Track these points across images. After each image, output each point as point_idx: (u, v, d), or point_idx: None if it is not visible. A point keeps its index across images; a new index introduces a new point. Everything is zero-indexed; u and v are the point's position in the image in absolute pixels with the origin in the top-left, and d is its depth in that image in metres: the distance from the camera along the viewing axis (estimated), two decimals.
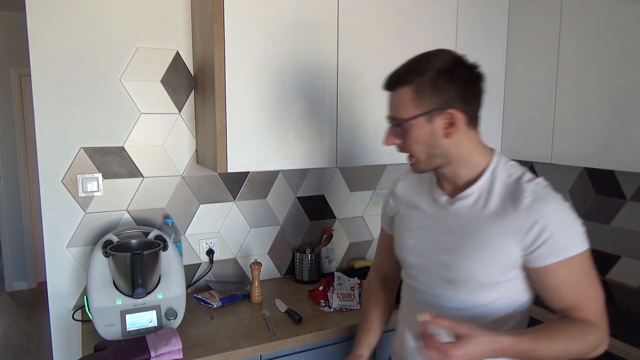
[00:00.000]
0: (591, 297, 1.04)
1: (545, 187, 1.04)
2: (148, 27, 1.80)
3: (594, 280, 1.06)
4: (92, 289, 1.55)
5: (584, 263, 1.05)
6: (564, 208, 1.02)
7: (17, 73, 4.54)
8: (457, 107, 1.03)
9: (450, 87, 1.02)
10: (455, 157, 1.07)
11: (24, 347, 3.71)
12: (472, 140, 1.08)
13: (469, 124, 1.06)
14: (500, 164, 1.09)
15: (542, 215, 0.99)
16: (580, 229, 1.03)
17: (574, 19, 1.88)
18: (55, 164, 1.72)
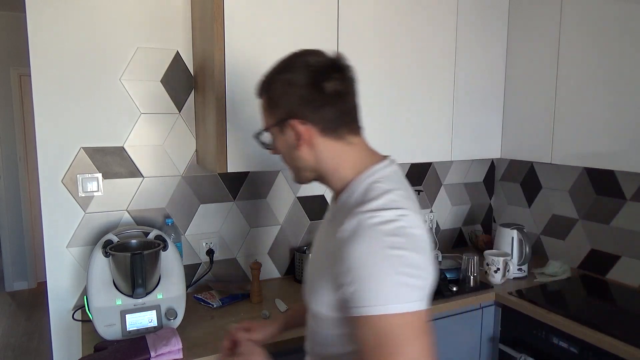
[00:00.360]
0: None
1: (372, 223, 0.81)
2: (148, 27, 1.80)
3: (397, 354, 0.77)
4: (92, 289, 1.55)
5: (387, 329, 0.78)
6: (375, 255, 0.79)
7: (17, 73, 4.54)
8: (302, 117, 0.92)
9: (287, 96, 0.92)
10: (320, 171, 0.96)
11: (24, 347, 3.71)
12: (335, 152, 0.94)
13: (326, 133, 0.93)
14: (367, 182, 0.90)
15: (349, 258, 0.81)
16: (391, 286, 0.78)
17: (574, 18, 1.88)
18: (55, 164, 1.72)
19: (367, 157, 0.96)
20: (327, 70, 0.93)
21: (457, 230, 2.63)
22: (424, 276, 0.82)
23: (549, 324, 1.75)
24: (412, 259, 0.80)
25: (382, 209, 0.83)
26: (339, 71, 0.94)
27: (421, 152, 2.04)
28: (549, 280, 2.07)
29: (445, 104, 2.06)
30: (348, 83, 0.95)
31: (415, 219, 0.85)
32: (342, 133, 0.94)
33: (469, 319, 1.94)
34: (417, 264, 0.81)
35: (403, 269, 0.79)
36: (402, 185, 0.93)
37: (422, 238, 0.84)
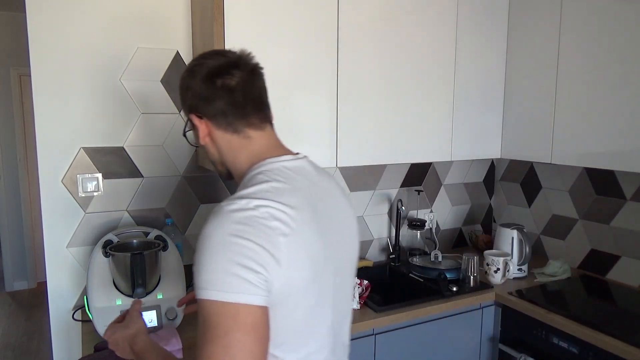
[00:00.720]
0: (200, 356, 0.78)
1: (228, 209, 0.82)
2: (148, 27, 1.80)
3: (213, 342, 0.77)
4: (92, 289, 1.55)
5: (208, 315, 0.78)
6: (214, 238, 0.80)
7: (17, 73, 4.54)
8: (198, 111, 0.96)
9: (184, 95, 0.98)
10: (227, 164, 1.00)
11: (24, 347, 3.71)
12: (232, 145, 0.96)
13: (221, 127, 0.96)
14: (252, 174, 0.93)
15: (199, 237, 0.83)
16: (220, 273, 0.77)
17: (574, 18, 1.88)
18: (55, 164, 1.72)
19: (266, 151, 0.97)
20: (222, 67, 0.94)
21: (457, 230, 2.63)
22: (262, 272, 0.78)
23: (549, 324, 1.75)
24: (254, 250, 0.78)
25: (242, 198, 0.84)
26: (235, 68, 0.95)
27: (421, 152, 2.04)
28: (549, 280, 2.07)
29: (445, 104, 2.06)
30: (243, 79, 0.95)
31: (278, 213, 0.83)
32: (239, 127, 0.96)
33: (469, 319, 1.94)
34: (257, 257, 0.78)
35: (238, 259, 0.77)
36: (290, 179, 0.92)
37: (277, 232, 0.81)
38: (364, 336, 1.71)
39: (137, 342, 1.02)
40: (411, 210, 2.44)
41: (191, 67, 0.98)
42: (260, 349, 0.78)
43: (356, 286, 1.83)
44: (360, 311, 1.76)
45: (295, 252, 0.83)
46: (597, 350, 1.59)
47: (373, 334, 1.73)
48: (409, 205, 2.44)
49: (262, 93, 0.99)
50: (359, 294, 1.81)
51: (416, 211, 2.46)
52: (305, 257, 0.85)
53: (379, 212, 2.37)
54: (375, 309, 1.75)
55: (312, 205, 0.90)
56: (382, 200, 2.37)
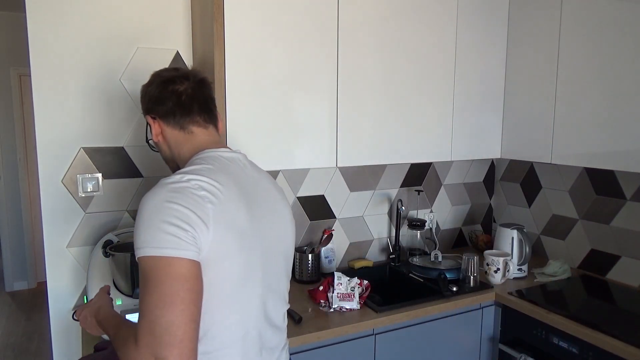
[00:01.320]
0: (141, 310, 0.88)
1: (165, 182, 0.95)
2: (148, 27, 1.80)
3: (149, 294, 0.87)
4: (92, 289, 1.55)
5: (145, 270, 0.88)
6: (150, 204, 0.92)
7: (17, 73, 4.54)
8: (152, 112, 1.15)
9: (143, 99, 1.18)
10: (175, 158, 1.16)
11: (24, 347, 3.71)
12: (178, 140, 1.14)
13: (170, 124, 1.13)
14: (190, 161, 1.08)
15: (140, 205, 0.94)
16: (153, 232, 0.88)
17: (574, 18, 1.88)
18: (55, 164, 1.72)
19: (206, 144, 1.12)
20: (174, 77, 1.15)
21: (457, 230, 2.63)
22: (191, 231, 0.89)
23: (549, 324, 1.75)
24: (183, 213, 0.90)
25: (178, 174, 0.98)
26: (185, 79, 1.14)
27: (421, 152, 2.04)
28: (549, 280, 2.07)
29: (445, 104, 2.06)
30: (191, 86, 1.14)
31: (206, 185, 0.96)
32: (184, 124, 1.13)
33: (469, 319, 1.94)
34: (186, 219, 0.90)
35: (170, 219, 0.89)
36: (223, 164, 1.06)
37: (205, 200, 0.94)
38: (364, 336, 1.71)
39: (100, 312, 1.14)
40: (411, 210, 2.44)
41: (150, 78, 1.18)
42: (192, 297, 0.88)
43: (356, 286, 1.83)
44: (360, 311, 1.76)
45: (221, 219, 0.95)
46: (597, 350, 1.59)
47: (373, 334, 1.73)
48: (409, 205, 2.44)
49: (208, 99, 1.17)
50: (359, 294, 1.81)
51: (416, 211, 2.46)
52: (230, 226, 0.97)
53: (379, 212, 2.37)
54: (375, 309, 1.75)
55: (240, 186, 1.04)
56: (382, 200, 2.37)
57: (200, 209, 0.92)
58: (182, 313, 0.85)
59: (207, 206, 0.93)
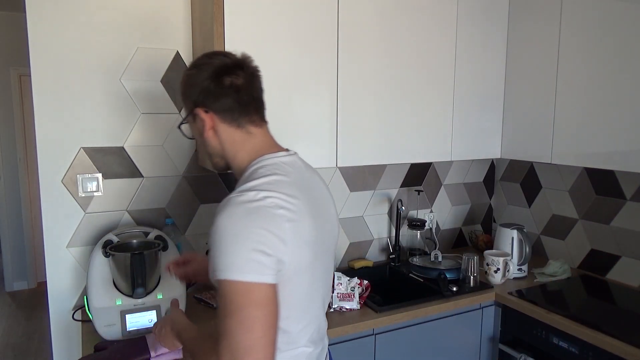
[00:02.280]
0: (223, 331, 0.90)
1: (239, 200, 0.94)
2: (148, 27, 1.80)
3: (231, 317, 0.89)
4: (92, 289, 1.55)
5: (227, 293, 0.90)
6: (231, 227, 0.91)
7: (17, 73, 4.54)
8: (204, 106, 1.05)
9: (192, 89, 1.06)
10: (226, 157, 1.10)
11: (24, 347, 3.71)
12: (235, 139, 1.07)
13: (226, 121, 1.06)
14: (253, 168, 1.04)
15: (213, 226, 0.94)
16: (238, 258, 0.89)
17: (574, 18, 1.88)
18: (55, 164, 1.72)
19: (264, 147, 1.08)
20: (227, 67, 1.04)
21: (457, 230, 2.63)
22: (272, 254, 0.91)
23: (549, 324, 1.75)
24: (263, 236, 0.90)
25: (250, 190, 0.96)
26: (239, 69, 1.05)
27: (421, 152, 2.04)
28: (549, 280, 2.07)
29: (445, 104, 2.06)
30: (247, 79, 1.06)
31: (282, 202, 0.95)
32: (243, 122, 1.06)
33: (469, 319, 1.94)
34: (267, 243, 0.90)
35: (253, 245, 0.89)
36: (288, 173, 1.03)
37: (283, 219, 0.93)
38: (364, 336, 1.71)
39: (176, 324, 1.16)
40: (411, 210, 2.44)
41: (196, 64, 1.07)
42: (270, 321, 0.90)
43: (356, 286, 1.83)
44: (360, 311, 1.76)
45: (298, 236, 0.96)
46: (597, 350, 1.59)
47: (373, 334, 1.73)
48: (409, 205, 2.44)
49: (261, 94, 1.10)
50: (359, 294, 1.81)
51: (416, 211, 2.46)
52: (306, 240, 0.98)
53: (379, 212, 2.37)
54: (375, 309, 1.76)
55: (305, 195, 1.02)
56: (382, 200, 2.37)
57: (279, 229, 0.92)
58: (261, 338, 0.88)
59: (285, 225, 0.93)
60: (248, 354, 0.87)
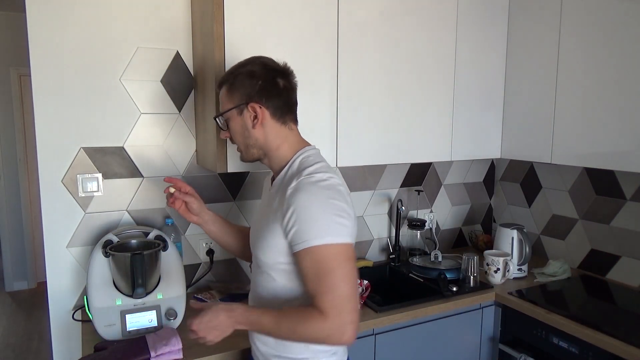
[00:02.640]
0: (327, 288, 1.07)
1: (312, 182, 1.12)
2: (148, 27, 1.80)
3: (335, 273, 1.08)
4: (92, 289, 1.55)
5: (327, 255, 1.08)
6: (317, 202, 1.10)
7: (17, 73, 4.54)
8: (259, 101, 1.20)
9: (253, 84, 1.20)
10: (266, 148, 1.24)
11: (24, 347, 3.71)
12: (281, 134, 1.23)
13: (275, 117, 1.22)
14: (299, 158, 1.22)
15: (292, 204, 1.10)
16: (331, 224, 1.09)
17: (574, 18, 1.88)
18: (55, 164, 1.72)
19: (301, 142, 1.28)
20: (281, 71, 1.23)
21: (457, 230, 2.63)
22: (350, 219, 1.13)
23: (549, 324, 1.75)
24: (341, 206, 1.12)
25: (315, 173, 1.16)
26: (289, 74, 1.25)
27: (421, 152, 2.03)
28: (549, 280, 2.07)
29: (445, 104, 2.06)
30: (292, 85, 1.25)
31: (339, 181, 1.18)
32: (287, 120, 1.24)
33: (469, 319, 1.94)
34: (344, 210, 1.12)
35: (338, 213, 1.10)
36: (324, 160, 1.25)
37: (345, 193, 1.17)
38: (364, 336, 1.71)
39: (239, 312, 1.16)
40: (411, 210, 2.44)
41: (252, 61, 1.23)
42: (356, 274, 1.12)
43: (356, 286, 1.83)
44: (360, 311, 1.76)
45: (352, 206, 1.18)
46: (597, 350, 1.59)
47: (373, 334, 1.73)
48: (409, 205, 2.44)
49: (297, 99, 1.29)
50: (359, 294, 1.81)
51: (416, 211, 2.46)
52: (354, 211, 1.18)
53: (379, 212, 2.37)
54: (375, 309, 1.75)
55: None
56: (382, 200, 2.37)
57: (346, 201, 1.15)
58: (354, 288, 1.10)
59: (348, 199, 1.16)
60: (349, 301, 1.07)
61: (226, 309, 1.16)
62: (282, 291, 1.21)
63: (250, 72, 1.20)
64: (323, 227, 1.08)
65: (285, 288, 1.21)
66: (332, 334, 1.07)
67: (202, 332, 1.17)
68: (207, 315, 1.17)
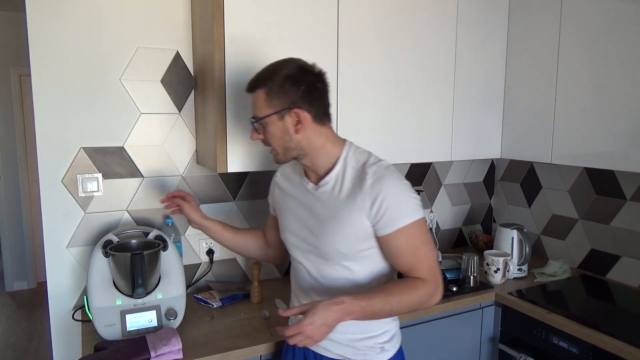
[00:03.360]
0: (423, 258, 1.22)
1: (385, 168, 1.23)
2: (148, 27, 1.80)
3: (425, 244, 1.23)
4: (92, 289, 1.55)
5: (417, 230, 1.21)
6: (399, 185, 1.21)
7: (17, 73, 4.54)
8: (302, 107, 1.20)
9: (295, 90, 1.19)
10: (309, 149, 1.25)
11: (24, 347, 3.71)
12: (322, 134, 1.26)
13: (316, 120, 1.24)
14: (350, 153, 1.28)
15: (380, 192, 1.18)
16: (413, 202, 1.21)
17: (574, 18, 1.88)
18: (55, 164, 1.72)
19: (339, 137, 1.33)
20: (316, 74, 1.24)
21: (457, 230, 2.63)
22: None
23: (549, 324, 1.75)
24: (409, 184, 1.24)
25: (378, 160, 1.26)
26: (323, 75, 1.26)
27: (421, 152, 2.03)
28: (549, 280, 2.07)
29: (445, 104, 2.06)
30: (327, 88, 1.27)
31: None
32: (325, 121, 1.27)
33: (469, 319, 1.94)
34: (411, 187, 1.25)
35: (410, 190, 1.22)
36: None
37: None
38: None
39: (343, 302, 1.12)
40: None
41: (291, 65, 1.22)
42: None
43: None
44: None
45: None
46: (597, 350, 1.59)
47: None
48: None
49: None
50: None
51: None
52: None
53: None
54: None
55: None
56: None
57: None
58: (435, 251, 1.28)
59: None
60: (438, 267, 1.25)
61: (334, 303, 1.12)
62: (357, 277, 1.27)
63: (291, 77, 1.19)
64: (410, 206, 1.20)
65: (359, 274, 1.27)
66: (433, 294, 1.21)
67: (313, 333, 1.10)
68: (316, 315, 1.10)
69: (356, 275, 1.27)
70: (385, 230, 1.20)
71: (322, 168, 1.28)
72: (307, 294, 1.36)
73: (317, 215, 1.29)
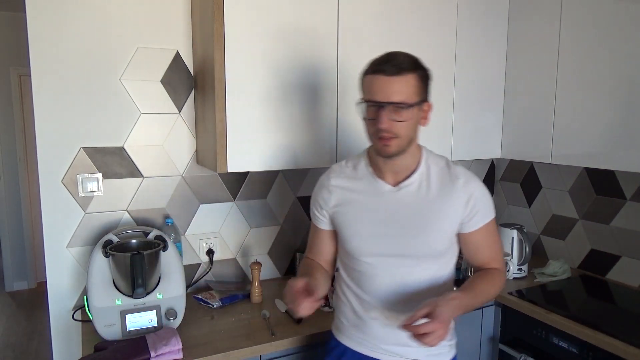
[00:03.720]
0: (497, 250, 1.35)
1: (467, 170, 1.31)
2: (148, 27, 1.80)
3: (497, 238, 1.36)
4: (92, 289, 1.55)
5: (493, 225, 1.31)
6: (483, 185, 1.30)
7: (17, 73, 4.54)
8: (428, 100, 1.24)
9: (430, 84, 1.23)
10: (412, 144, 1.25)
11: (24, 347, 3.71)
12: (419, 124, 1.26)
13: None
14: (429, 154, 1.31)
15: (473, 191, 1.26)
16: (492, 201, 1.31)
17: (574, 18, 1.88)
18: (55, 164, 1.72)
19: None
20: None
21: None
22: None
23: (549, 324, 1.75)
24: None
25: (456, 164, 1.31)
26: None
27: None
28: (549, 280, 2.07)
29: (445, 104, 2.06)
30: None
31: None
32: None
33: (469, 319, 1.94)
34: None
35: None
36: None
37: None
38: None
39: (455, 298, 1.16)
40: None
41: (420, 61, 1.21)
42: None
43: None
44: None
45: None
46: (597, 350, 1.59)
47: None
48: None
49: None
50: None
51: None
52: None
53: None
54: None
55: None
56: None
57: None
58: None
59: None
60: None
61: (453, 298, 1.15)
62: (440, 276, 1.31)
63: (428, 73, 1.22)
64: (492, 205, 1.30)
65: (441, 273, 1.31)
66: (504, 282, 1.34)
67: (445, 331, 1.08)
68: (445, 313, 1.09)
69: (439, 274, 1.31)
70: (474, 226, 1.27)
71: (406, 168, 1.27)
72: (382, 300, 1.29)
73: (401, 217, 1.26)
